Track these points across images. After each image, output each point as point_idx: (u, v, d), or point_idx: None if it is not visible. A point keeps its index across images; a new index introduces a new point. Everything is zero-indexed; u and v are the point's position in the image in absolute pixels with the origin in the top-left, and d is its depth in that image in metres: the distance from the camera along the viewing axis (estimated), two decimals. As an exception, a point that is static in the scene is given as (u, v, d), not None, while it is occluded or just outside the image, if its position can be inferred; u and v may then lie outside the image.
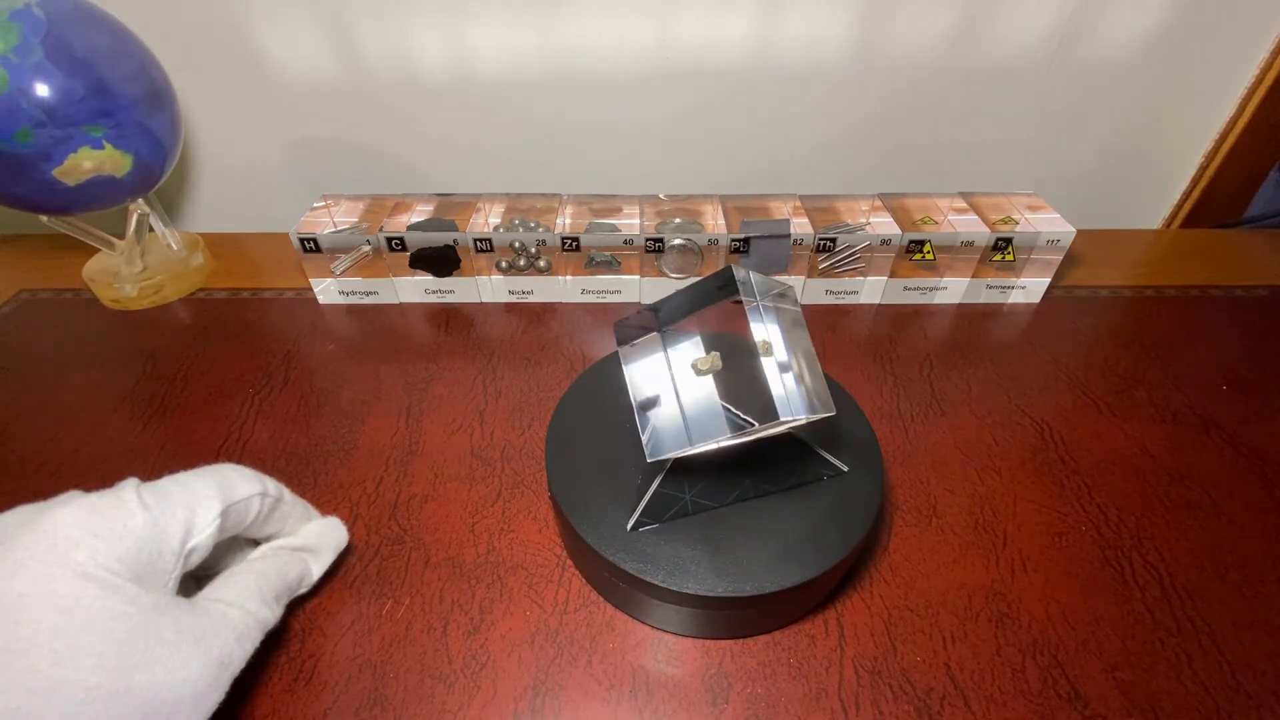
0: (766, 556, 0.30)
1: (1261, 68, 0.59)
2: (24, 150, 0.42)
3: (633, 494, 0.33)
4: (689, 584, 0.29)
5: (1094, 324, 0.54)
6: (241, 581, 0.28)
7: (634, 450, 0.35)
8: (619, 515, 0.32)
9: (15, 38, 0.41)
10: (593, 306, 0.55)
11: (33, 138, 0.42)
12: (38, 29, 0.41)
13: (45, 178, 0.44)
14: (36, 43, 0.41)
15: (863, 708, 0.30)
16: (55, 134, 0.43)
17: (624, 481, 0.33)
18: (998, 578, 0.36)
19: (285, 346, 0.50)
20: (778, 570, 0.30)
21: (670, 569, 0.30)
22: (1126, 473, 0.41)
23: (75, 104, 0.43)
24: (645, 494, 0.31)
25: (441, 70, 0.58)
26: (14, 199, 0.46)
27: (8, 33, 0.40)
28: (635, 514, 0.31)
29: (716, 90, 0.60)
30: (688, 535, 0.31)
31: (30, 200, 0.46)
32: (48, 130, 0.42)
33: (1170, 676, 0.32)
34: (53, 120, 0.42)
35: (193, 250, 0.58)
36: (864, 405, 0.38)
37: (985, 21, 0.56)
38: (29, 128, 0.42)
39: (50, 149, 0.43)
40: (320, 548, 0.33)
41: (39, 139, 0.42)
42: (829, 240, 0.51)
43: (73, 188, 0.45)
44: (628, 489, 0.33)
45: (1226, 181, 0.66)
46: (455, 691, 0.31)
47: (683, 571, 0.30)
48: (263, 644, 0.32)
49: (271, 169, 0.65)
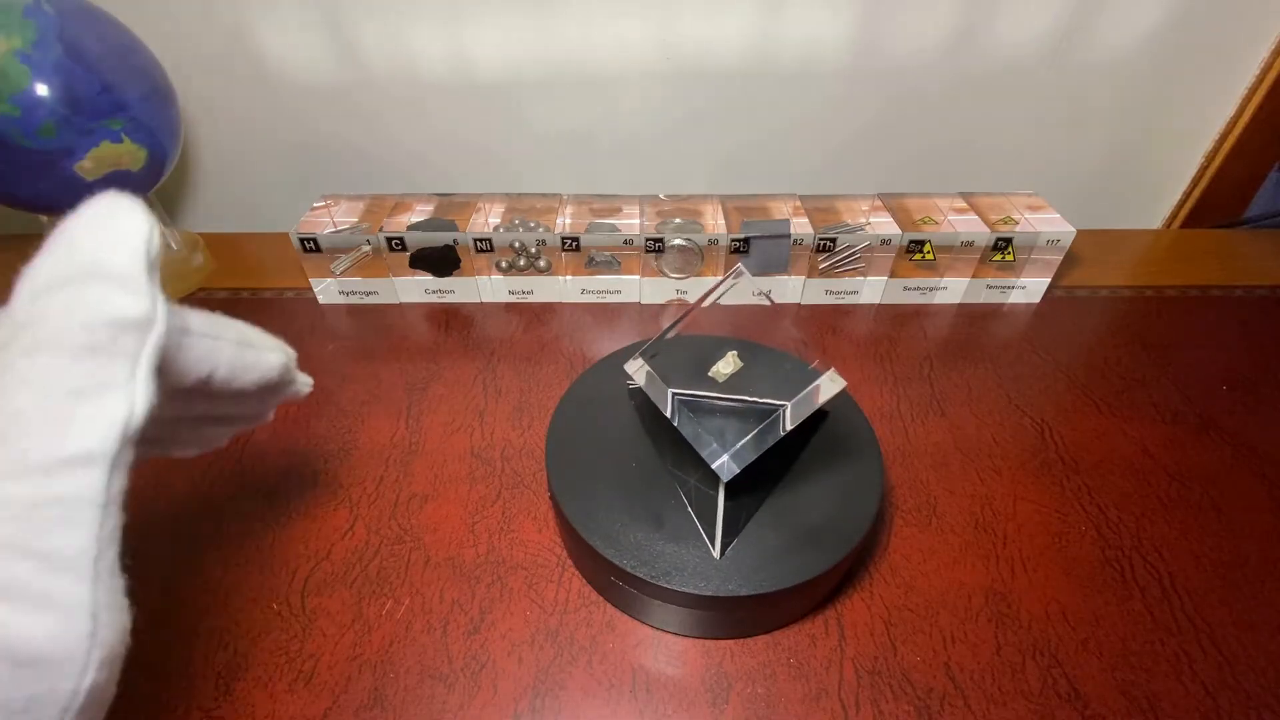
0: (766, 556, 0.30)
1: (1261, 68, 0.59)
2: (48, 146, 0.42)
3: (631, 490, 0.33)
4: (689, 584, 0.29)
5: (1094, 324, 0.54)
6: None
7: (634, 450, 0.35)
8: (619, 515, 0.32)
9: (33, 34, 0.41)
10: (593, 306, 0.55)
11: (56, 133, 0.42)
12: (52, 25, 0.42)
13: (67, 174, 0.44)
14: (53, 38, 0.41)
15: (863, 708, 0.30)
16: (77, 128, 0.43)
17: (624, 481, 0.33)
18: (997, 578, 0.36)
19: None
20: (778, 570, 0.30)
21: (670, 569, 0.30)
22: (1126, 473, 0.41)
23: (95, 97, 0.43)
24: (716, 515, 0.31)
25: (442, 70, 0.58)
26: (33, 198, 0.45)
27: (25, 29, 0.41)
28: (718, 539, 0.31)
29: (716, 91, 0.60)
30: (687, 535, 0.31)
31: (50, 198, 0.45)
32: (70, 125, 0.42)
33: (1170, 676, 0.32)
34: (75, 114, 0.42)
35: (193, 250, 0.58)
36: (864, 405, 0.38)
37: (985, 22, 0.56)
38: (52, 123, 0.42)
39: (73, 144, 0.43)
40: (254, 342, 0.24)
41: (62, 134, 0.42)
42: (829, 240, 0.51)
43: (92, 184, 0.45)
44: (628, 488, 0.33)
45: (1226, 181, 0.66)
46: (455, 691, 0.31)
47: (682, 571, 0.30)
48: (262, 644, 0.32)
49: (271, 169, 0.65)
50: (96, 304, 0.16)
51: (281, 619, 0.33)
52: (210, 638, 0.33)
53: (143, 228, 0.17)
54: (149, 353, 0.17)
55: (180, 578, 0.35)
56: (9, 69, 0.40)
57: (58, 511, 0.15)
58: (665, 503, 0.32)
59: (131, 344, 0.16)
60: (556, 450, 0.35)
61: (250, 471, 0.41)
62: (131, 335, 0.16)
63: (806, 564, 0.30)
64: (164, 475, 0.40)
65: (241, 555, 0.36)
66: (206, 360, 0.21)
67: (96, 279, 0.16)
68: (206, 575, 0.35)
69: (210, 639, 0.33)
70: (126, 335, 0.16)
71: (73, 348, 0.16)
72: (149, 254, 0.17)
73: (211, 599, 0.34)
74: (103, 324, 0.16)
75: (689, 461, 0.33)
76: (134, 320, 0.16)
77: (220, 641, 0.32)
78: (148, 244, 0.17)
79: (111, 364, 0.16)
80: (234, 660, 0.32)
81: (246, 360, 0.22)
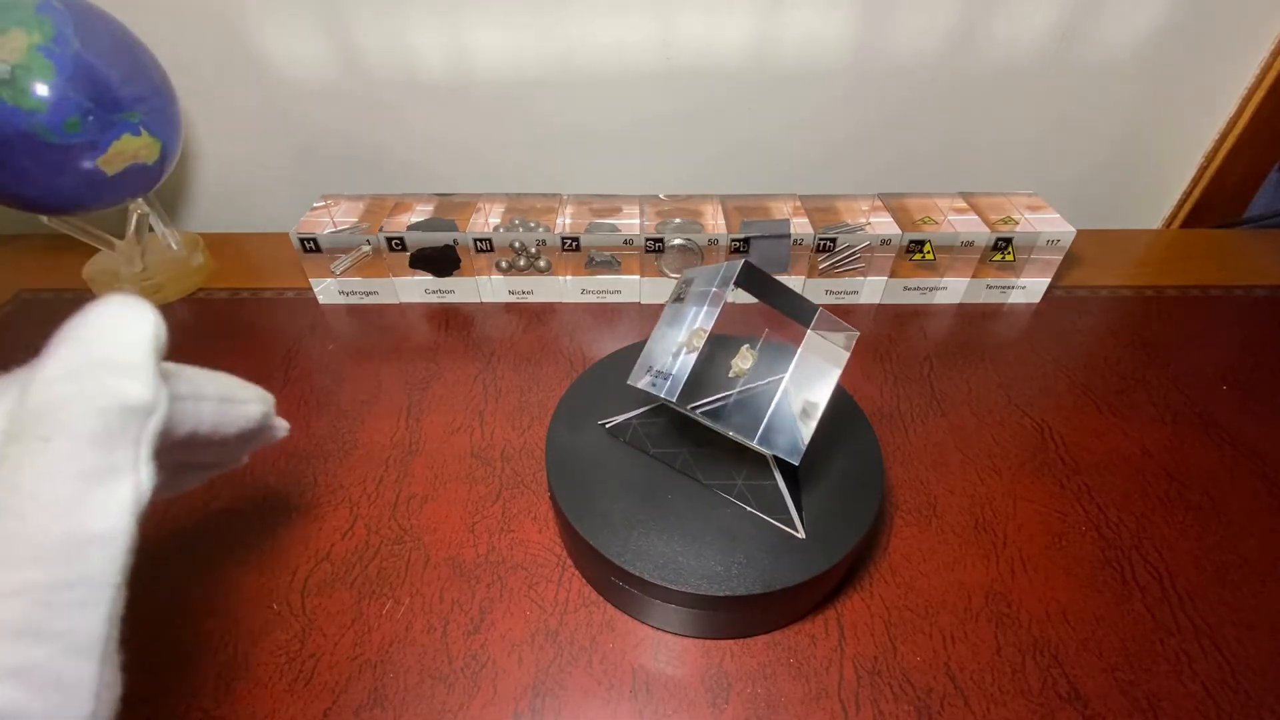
0: (766, 556, 0.30)
1: (1261, 68, 0.59)
2: (72, 141, 0.42)
3: (631, 490, 0.33)
4: (689, 584, 0.29)
5: (1094, 324, 0.54)
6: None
7: (634, 449, 0.35)
8: (619, 515, 0.32)
9: (50, 29, 0.41)
10: (593, 306, 0.55)
11: (81, 127, 0.42)
12: (66, 20, 0.42)
13: (88, 168, 0.44)
14: (70, 33, 0.42)
15: (863, 708, 0.30)
16: (100, 122, 0.43)
17: (624, 481, 0.33)
18: (997, 578, 0.36)
19: (285, 346, 0.50)
20: (777, 570, 0.30)
21: (670, 569, 0.30)
22: (1126, 473, 0.41)
23: (115, 90, 0.43)
24: (785, 500, 0.32)
25: (442, 70, 0.58)
26: (52, 195, 0.45)
27: (42, 25, 0.41)
28: (797, 521, 0.31)
29: (716, 90, 0.60)
30: (688, 535, 0.31)
31: (70, 195, 0.45)
32: (94, 119, 0.43)
33: (1170, 676, 0.32)
34: (98, 108, 0.43)
35: (193, 250, 0.58)
36: (864, 405, 0.38)
37: (985, 21, 0.56)
38: (77, 117, 0.42)
39: (96, 137, 0.43)
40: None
41: (86, 128, 0.42)
42: (829, 240, 0.51)
43: (111, 178, 0.45)
44: (628, 488, 0.33)
45: (1226, 181, 0.66)
46: (455, 691, 0.31)
47: (682, 571, 0.30)
48: (262, 644, 0.32)
49: (271, 169, 0.65)
50: (110, 392, 0.17)
51: (281, 619, 0.33)
52: (210, 638, 0.33)
53: (151, 323, 0.19)
54: (149, 435, 0.17)
55: (180, 578, 0.35)
56: (34, 64, 0.40)
57: (76, 594, 0.15)
58: (666, 502, 0.32)
59: (136, 429, 0.17)
60: (556, 450, 0.35)
61: (250, 471, 0.41)
62: (138, 420, 0.17)
63: (806, 564, 0.30)
64: (164, 475, 0.40)
65: (241, 555, 0.36)
66: (190, 420, 0.21)
67: (109, 370, 0.17)
68: (206, 575, 0.35)
69: (210, 639, 0.33)
70: (134, 420, 0.17)
71: (88, 434, 0.16)
72: (157, 347, 0.18)
73: (211, 599, 0.34)
74: (115, 411, 0.17)
75: (726, 465, 0.33)
76: (141, 407, 0.17)
77: (220, 641, 0.32)
78: (155, 339, 0.18)
79: (121, 448, 0.17)
80: (234, 660, 0.32)
81: (228, 416, 0.23)
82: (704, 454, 0.34)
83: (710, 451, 0.34)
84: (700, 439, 0.34)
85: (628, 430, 0.35)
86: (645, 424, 0.35)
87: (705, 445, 0.34)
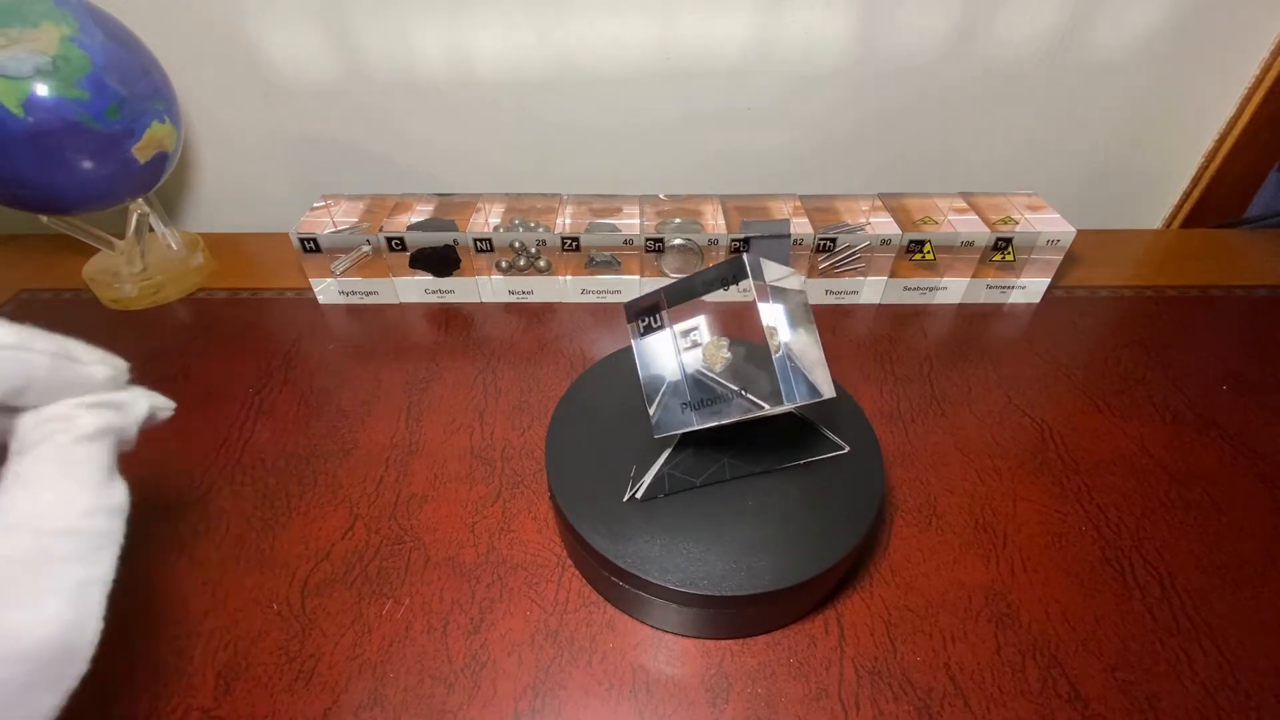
0: (766, 556, 0.30)
1: (1261, 68, 0.59)
2: (114, 127, 0.43)
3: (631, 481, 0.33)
4: (688, 584, 0.29)
5: (1094, 324, 0.54)
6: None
7: (635, 449, 0.35)
8: (619, 514, 0.32)
9: (74, 21, 0.41)
10: (593, 306, 0.55)
11: (120, 114, 0.43)
12: (85, 12, 0.42)
13: (126, 155, 0.45)
14: (92, 24, 0.42)
15: (863, 708, 0.30)
16: (134, 109, 0.44)
17: (624, 481, 0.33)
18: (997, 578, 0.36)
19: (285, 346, 0.50)
20: (777, 570, 0.30)
21: (670, 569, 0.30)
22: (1126, 473, 0.41)
23: (141, 79, 0.44)
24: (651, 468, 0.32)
25: (441, 70, 0.58)
26: (89, 183, 0.45)
27: (66, 18, 0.41)
28: (643, 486, 0.31)
29: (717, 90, 0.60)
30: (688, 534, 0.31)
31: (107, 183, 0.46)
32: (129, 106, 0.43)
33: (1170, 676, 0.32)
34: (131, 95, 0.43)
35: (193, 250, 0.58)
36: (864, 405, 0.38)
37: (986, 22, 0.56)
38: (116, 104, 0.42)
39: (132, 124, 0.44)
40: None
41: (124, 115, 0.43)
42: (829, 240, 0.51)
43: (143, 166, 0.46)
44: (628, 488, 0.33)
45: (1226, 181, 0.66)
46: (455, 691, 0.31)
47: (682, 571, 0.30)
48: (262, 644, 0.32)
49: (271, 169, 0.65)
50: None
51: (281, 619, 0.33)
52: (210, 638, 0.33)
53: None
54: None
55: (180, 578, 0.35)
56: (70, 54, 0.40)
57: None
58: (666, 502, 0.32)
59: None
60: (556, 450, 0.35)
61: (250, 471, 0.41)
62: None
63: (806, 564, 0.30)
64: (163, 476, 0.40)
65: (241, 555, 0.36)
66: (20, 370, 0.21)
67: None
68: (207, 575, 0.35)
69: (210, 639, 0.33)
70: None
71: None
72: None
73: (211, 599, 0.34)
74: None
75: (761, 444, 0.34)
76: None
77: (220, 641, 0.32)
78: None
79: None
80: (234, 660, 0.32)
81: (66, 374, 0.23)
82: (741, 449, 0.34)
83: (742, 443, 0.34)
84: (728, 439, 0.34)
85: (664, 483, 0.33)
86: (674, 464, 0.34)
87: (736, 441, 0.34)
